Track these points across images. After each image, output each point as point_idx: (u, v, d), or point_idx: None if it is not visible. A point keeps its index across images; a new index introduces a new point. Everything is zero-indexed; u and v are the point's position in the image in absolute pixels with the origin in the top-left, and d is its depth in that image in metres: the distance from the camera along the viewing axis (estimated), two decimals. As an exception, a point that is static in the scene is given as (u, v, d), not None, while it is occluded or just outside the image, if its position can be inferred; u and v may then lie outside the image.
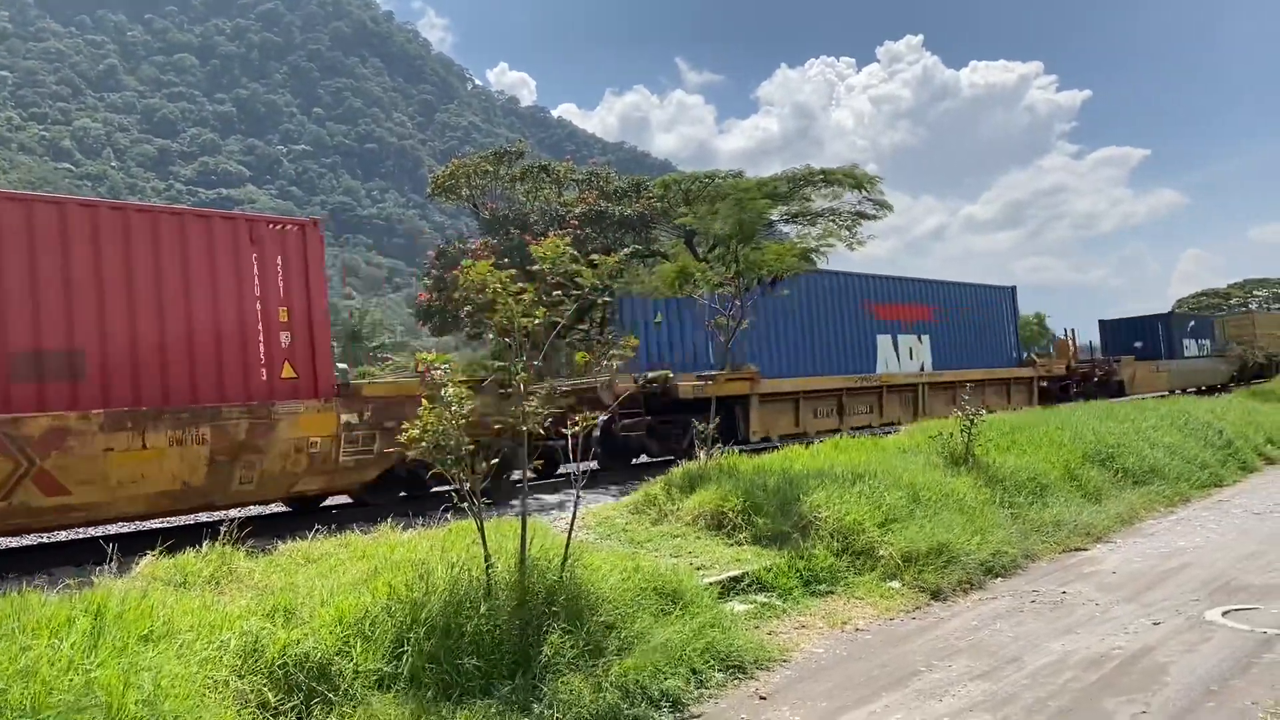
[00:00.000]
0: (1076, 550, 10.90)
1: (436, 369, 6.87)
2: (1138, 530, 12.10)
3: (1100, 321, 40.40)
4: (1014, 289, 28.44)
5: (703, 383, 16.54)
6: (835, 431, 18.76)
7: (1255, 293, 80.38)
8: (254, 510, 12.78)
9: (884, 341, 22.68)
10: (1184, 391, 33.49)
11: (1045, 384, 28.75)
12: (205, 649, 5.34)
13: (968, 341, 25.66)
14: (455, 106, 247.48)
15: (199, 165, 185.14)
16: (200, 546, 7.54)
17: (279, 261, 11.35)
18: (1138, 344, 35.99)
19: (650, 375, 16.55)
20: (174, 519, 12.74)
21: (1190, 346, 38.35)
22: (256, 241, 11.18)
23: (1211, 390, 35.10)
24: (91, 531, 11.79)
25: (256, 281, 11.12)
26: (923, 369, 23.51)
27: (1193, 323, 40.13)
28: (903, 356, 23.06)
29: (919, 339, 23.80)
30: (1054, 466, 13.42)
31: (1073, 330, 35.29)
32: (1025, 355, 28.22)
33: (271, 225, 11.61)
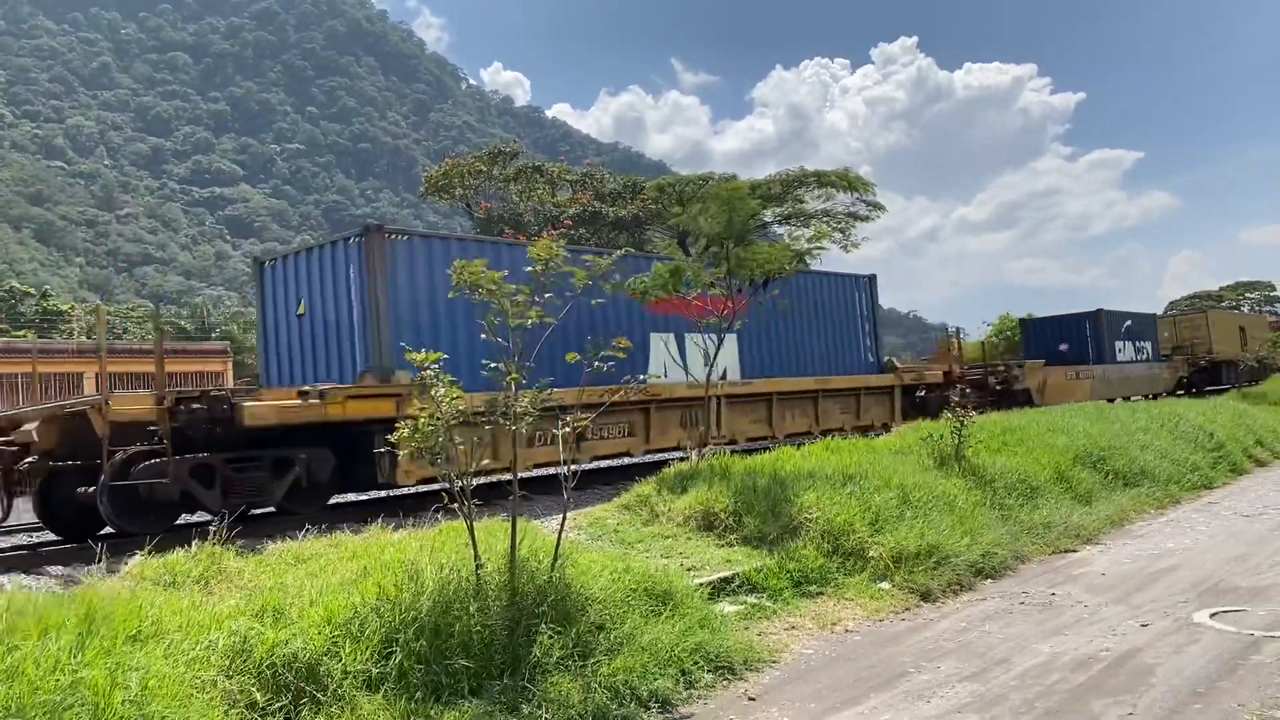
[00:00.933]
0: (1066, 552, 10.93)
1: (427, 369, 6.85)
2: (1127, 532, 12.14)
3: (1021, 321, 36.72)
4: (872, 278, 23.62)
5: (300, 401, 11.72)
6: (568, 465, 14.25)
7: (1247, 295, 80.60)
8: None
9: (660, 342, 17.37)
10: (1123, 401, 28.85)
11: (922, 394, 23.35)
12: (193, 649, 5.33)
13: (801, 343, 20.82)
14: (449, 106, 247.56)
15: (192, 164, 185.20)
16: (190, 546, 7.53)
17: None
18: (1063, 346, 31.61)
19: (186, 392, 11.91)
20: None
21: (1124, 350, 33.31)
22: None
23: (1157, 399, 30.15)
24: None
25: None
26: (724, 377, 17.38)
27: (1129, 323, 34.31)
28: (693, 362, 16.85)
29: (716, 339, 17.21)
30: (1044, 468, 13.45)
31: (957, 329, 29.54)
32: (887, 360, 24.06)
33: None
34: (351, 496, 14.79)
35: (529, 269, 7.44)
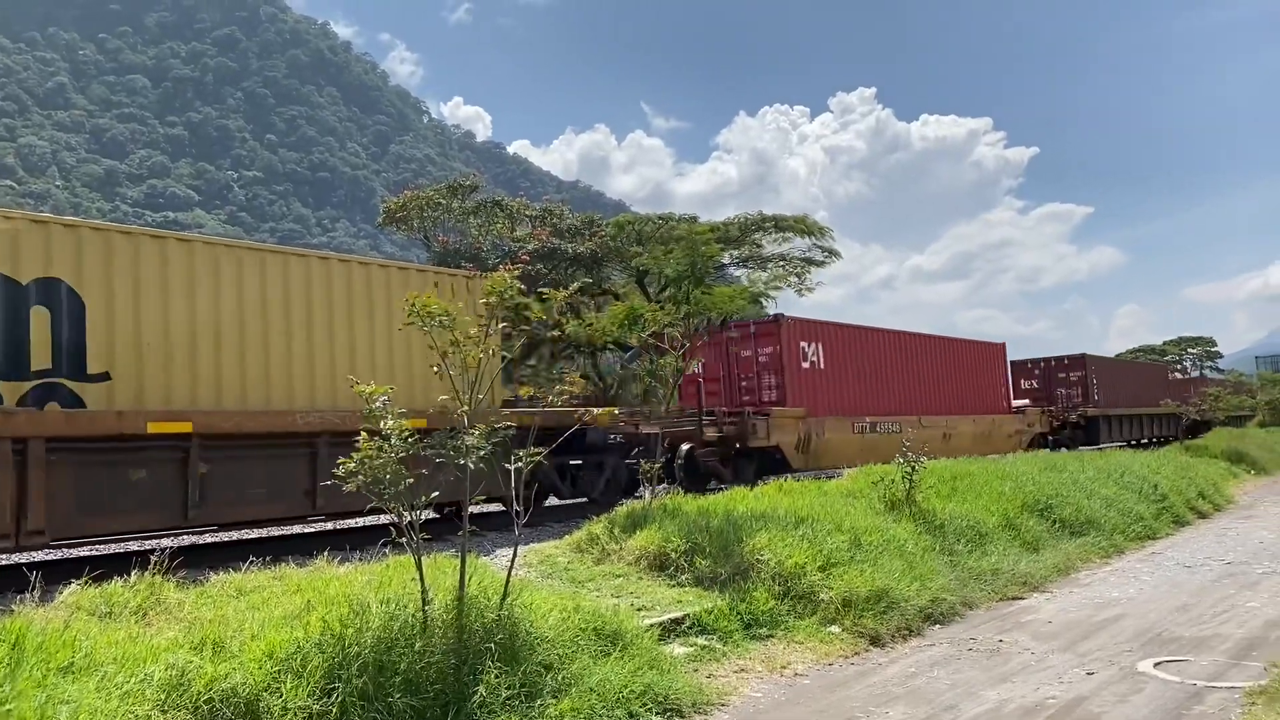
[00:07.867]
0: (1014, 599, 11.00)
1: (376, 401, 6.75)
2: (1074, 580, 12.26)
3: None
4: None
5: None
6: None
7: (1189, 350, 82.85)
8: (187, 540, 12.44)
9: None
10: None
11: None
12: (128, 682, 5.16)
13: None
14: (410, 139, 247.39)
15: (146, 188, 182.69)
16: (129, 576, 7.32)
17: None
18: None
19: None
20: (102, 547, 12.44)
21: None
22: None
23: None
24: (16, 558, 11.41)
25: None
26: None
27: None
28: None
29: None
30: (993, 515, 13.57)
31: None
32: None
33: None
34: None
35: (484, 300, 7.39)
